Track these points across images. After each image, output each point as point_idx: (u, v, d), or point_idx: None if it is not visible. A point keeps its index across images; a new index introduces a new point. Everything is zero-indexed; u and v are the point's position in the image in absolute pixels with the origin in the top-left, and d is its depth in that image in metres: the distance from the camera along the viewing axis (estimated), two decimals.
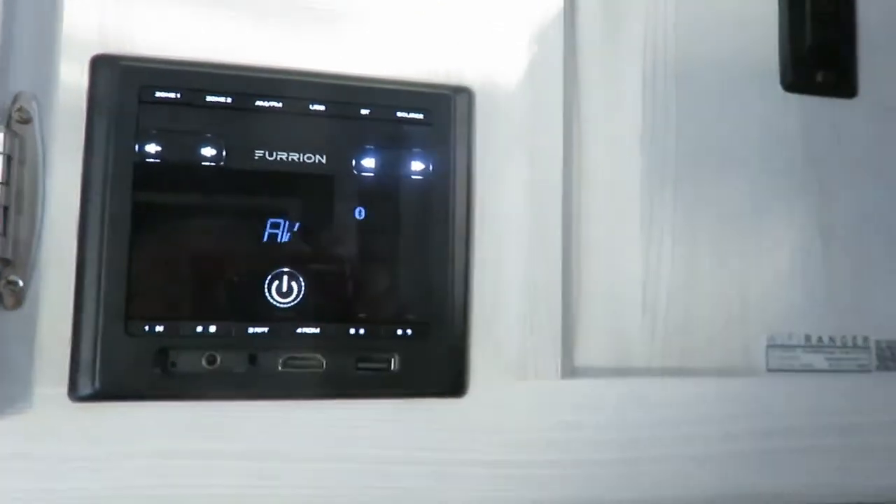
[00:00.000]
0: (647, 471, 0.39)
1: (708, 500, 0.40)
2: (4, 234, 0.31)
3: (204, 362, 0.32)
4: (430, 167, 0.36)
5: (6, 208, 0.31)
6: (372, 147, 0.35)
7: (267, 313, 0.33)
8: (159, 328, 0.32)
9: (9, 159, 0.31)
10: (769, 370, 0.43)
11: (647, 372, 0.40)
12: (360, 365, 0.34)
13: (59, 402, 0.32)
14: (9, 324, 0.31)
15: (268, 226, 0.34)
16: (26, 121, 0.32)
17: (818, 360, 0.44)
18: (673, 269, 0.41)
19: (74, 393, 0.31)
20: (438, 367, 0.35)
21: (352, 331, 0.34)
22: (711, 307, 0.42)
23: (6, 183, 0.31)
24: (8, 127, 0.32)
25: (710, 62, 0.43)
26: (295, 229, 0.34)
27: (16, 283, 0.31)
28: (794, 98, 0.44)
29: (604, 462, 0.38)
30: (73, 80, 0.33)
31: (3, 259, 0.31)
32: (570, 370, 0.38)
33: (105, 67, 0.33)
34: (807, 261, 0.44)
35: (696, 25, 0.43)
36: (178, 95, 0.33)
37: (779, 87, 0.44)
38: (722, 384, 0.41)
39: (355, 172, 0.35)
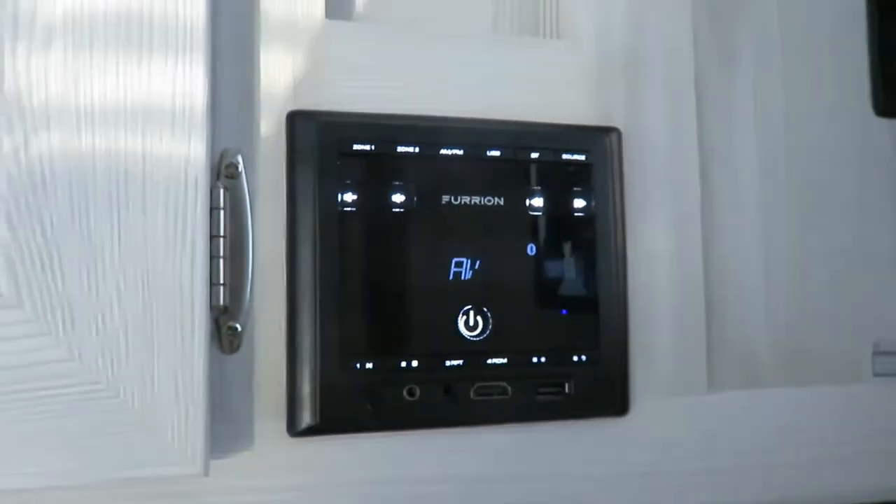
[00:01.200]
0: (779, 474, 0.42)
1: (833, 498, 0.43)
2: (223, 283, 0.33)
3: (406, 395, 0.35)
4: (593, 204, 0.38)
5: (223, 258, 0.33)
6: (540, 187, 0.38)
7: (459, 346, 0.36)
8: (369, 365, 0.34)
9: (222, 212, 0.33)
10: (876, 375, 0.46)
11: (772, 383, 0.44)
12: (541, 390, 0.37)
13: (279, 437, 0.34)
14: (229, 367, 0.34)
15: (452, 265, 0.36)
16: (234, 176, 0.34)
17: None
18: (790, 291, 0.45)
19: (293, 429, 0.34)
20: (606, 390, 0.38)
21: (534, 359, 0.37)
22: (825, 323, 0.45)
23: (224, 235, 0.33)
24: (218, 181, 0.34)
25: (811, 89, 0.47)
26: (476, 266, 0.36)
27: (235, 329, 0.34)
28: (886, 123, 0.48)
29: (744, 467, 0.41)
30: (271, 134, 0.35)
31: (221, 307, 0.33)
32: (714, 384, 0.41)
33: (303, 122, 0.35)
34: None
35: (798, 52, 0.46)
36: (373, 147, 0.35)
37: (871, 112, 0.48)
38: (835, 391, 0.44)
39: (528, 212, 0.37)
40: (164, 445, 0.30)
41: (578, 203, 0.38)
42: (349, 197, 0.35)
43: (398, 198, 0.36)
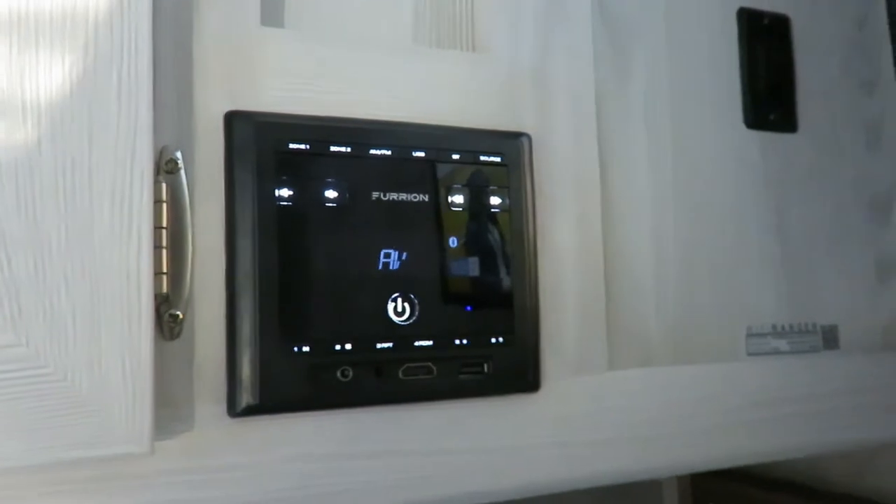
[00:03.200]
0: (672, 443, 0.48)
1: (712, 461, 0.49)
2: (165, 272, 0.35)
3: (339, 376, 0.38)
4: (507, 202, 0.42)
5: (165, 248, 0.35)
6: (461, 186, 0.41)
7: (389, 331, 0.39)
8: (305, 348, 0.37)
9: (164, 205, 0.35)
10: (749, 354, 0.53)
11: (662, 363, 0.49)
12: (463, 370, 0.41)
13: (219, 418, 0.36)
14: (169, 353, 0.35)
15: (381, 256, 0.39)
16: (174, 171, 0.36)
17: (782, 344, 0.54)
18: (677, 281, 0.51)
19: (233, 409, 0.36)
20: (520, 370, 0.42)
21: (456, 342, 0.40)
22: (706, 310, 0.51)
23: (165, 227, 0.35)
24: (159, 175, 0.36)
25: (693, 103, 0.53)
26: (404, 258, 0.40)
27: (175, 316, 0.35)
28: (755, 133, 0.55)
29: (644, 438, 0.46)
30: (209, 133, 0.37)
31: (163, 294, 0.35)
32: (612, 365, 0.46)
33: (241, 122, 0.37)
34: (770, 264, 0.54)
35: (682, 71, 0.52)
36: (307, 146, 0.38)
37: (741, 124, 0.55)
38: (714, 369, 0.51)
39: (450, 208, 0.41)
40: (111, 426, 0.31)
41: (495, 200, 0.42)
42: (285, 192, 0.37)
43: (331, 193, 0.38)
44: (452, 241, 0.41)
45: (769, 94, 0.56)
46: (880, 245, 0.59)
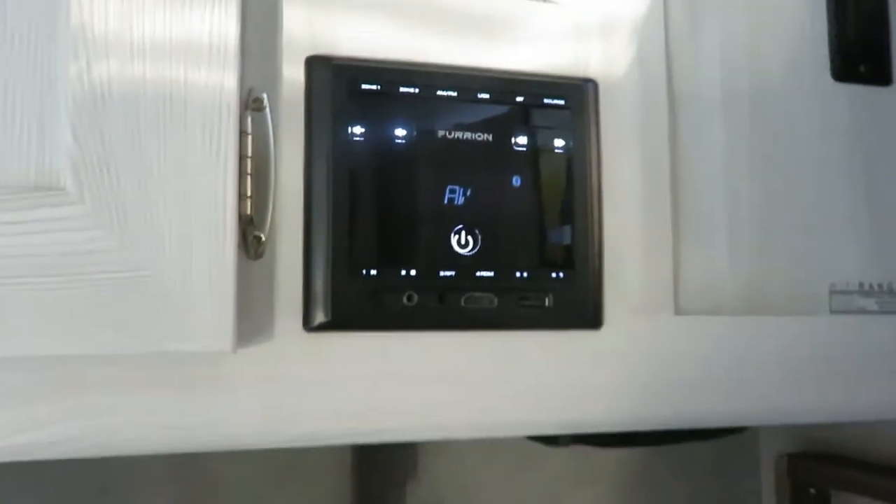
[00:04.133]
0: (739, 392, 0.47)
1: (778, 412, 0.48)
2: (249, 195, 0.39)
3: (404, 300, 0.41)
4: (571, 144, 0.44)
5: (250, 175, 0.39)
6: (524, 126, 0.43)
7: (452, 260, 0.41)
8: (374, 272, 0.40)
9: (250, 137, 0.39)
10: (832, 312, 0.51)
11: (734, 311, 0.49)
12: (523, 302, 0.42)
13: (295, 332, 0.40)
14: (253, 271, 0.39)
15: (447, 191, 0.42)
16: (260, 109, 0.40)
17: (870, 303, 0.52)
18: (752, 233, 0.50)
19: (308, 324, 0.39)
20: (581, 305, 0.44)
21: (517, 274, 0.42)
22: (785, 260, 0.50)
23: (250, 156, 0.39)
24: (246, 111, 0.40)
25: (773, 52, 0.52)
26: (468, 194, 0.42)
27: (259, 238, 0.39)
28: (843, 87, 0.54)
29: (703, 382, 0.46)
30: (292, 76, 0.41)
31: (247, 216, 0.39)
32: (681, 309, 0.47)
33: (319, 66, 0.41)
34: (855, 221, 0.53)
35: (762, 17, 0.52)
36: (379, 87, 0.41)
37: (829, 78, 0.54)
38: (793, 322, 0.49)
39: (514, 148, 0.43)
40: (198, 326, 0.36)
41: (558, 142, 0.44)
42: (358, 129, 0.41)
43: (400, 131, 0.41)
44: (515, 180, 0.43)
45: (860, 45, 0.54)
46: None
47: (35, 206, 0.35)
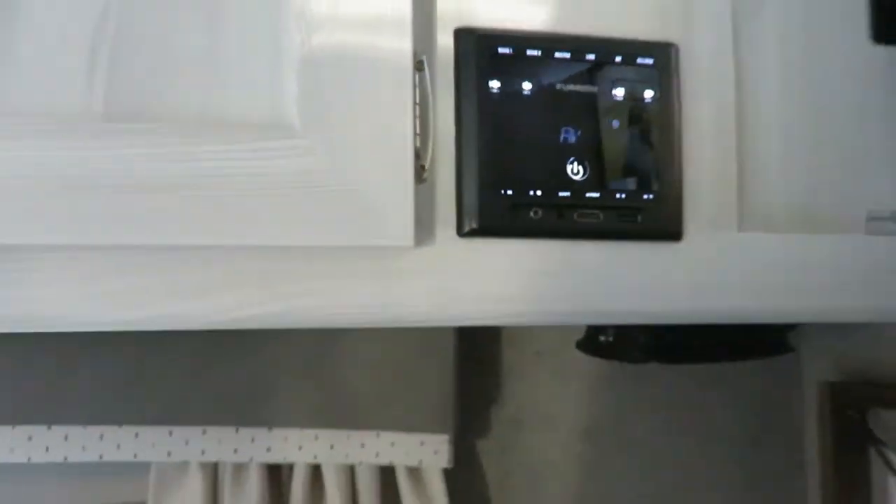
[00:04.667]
0: (789, 294, 0.59)
1: (823, 312, 0.60)
2: (416, 132, 0.52)
3: (532, 214, 0.53)
4: (658, 94, 0.56)
5: (418, 119, 0.52)
6: (622, 81, 0.55)
7: (568, 184, 0.54)
8: (510, 192, 0.53)
9: (415, 89, 0.52)
10: (867, 234, 0.63)
11: (787, 230, 0.60)
12: (622, 218, 0.55)
13: (451, 238, 0.52)
14: (420, 192, 0.52)
15: (562, 131, 0.54)
16: (421, 69, 0.53)
17: None
18: (801, 165, 0.61)
19: (461, 231, 0.52)
20: (666, 222, 0.56)
21: (618, 195, 0.54)
22: (830, 189, 0.62)
23: (417, 103, 0.52)
24: (413, 71, 0.52)
25: (824, 16, 0.63)
26: (578, 133, 0.54)
27: (423, 167, 0.52)
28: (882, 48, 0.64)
29: (765, 286, 0.58)
30: (444, 43, 0.54)
31: (416, 149, 0.52)
32: (743, 227, 0.58)
33: (464, 35, 0.53)
34: (891, 161, 0.63)
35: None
36: (511, 51, 0.53)
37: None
38: (836, 238, 0.61)
39: (613, 98, 0.55)
40: (390, 226, 0.49)
41: (648, 94, 0.56)
42: (495, 84, 0.53)
43: (527, 85, 0.54)
44: (615, 123, 0.55)
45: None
46: None
47: (271, 138, 0.48)
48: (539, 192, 0.53)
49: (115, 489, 0.83)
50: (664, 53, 0.56)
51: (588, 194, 0.54)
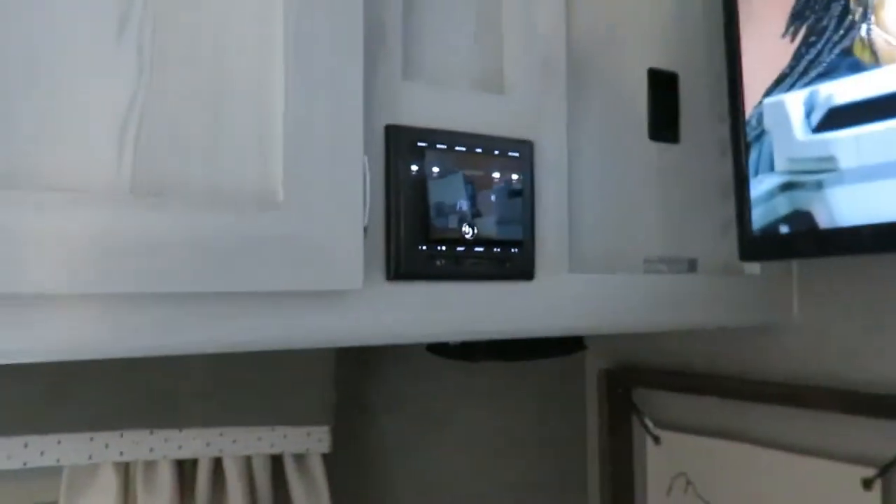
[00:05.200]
0: (596, 311, 0.86)
1: (611, 326, 0.88)
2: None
3: (438, 262, 0.74)
4: (521, 177, 0.79)
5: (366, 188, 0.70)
6: (498, 167, 0.78)
7: (462, 242, 0.75)
8: (424, 247, 0.73)
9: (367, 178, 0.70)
10: (644, 273, 0.92)
11: (599, 270, 0.87)
12: (496, 265, 0.77)
13: (381, 281, 0.71)
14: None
15: (459, 203, 0.75)
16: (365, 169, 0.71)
17: (663, 267, 0.94)
18: (594, 225, 0.89)
19: (388, 276, 0.71)
20: (524, 267, 0.79)
21: (494, 249, 0.77)
22: (617, 243, 0.90)
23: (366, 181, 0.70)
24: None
25: (624, 120, 0.91)
26: (470, 204, 0.76)
27: (365, 229, 0.70)
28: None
29: (587, 308, 0.84)
30: (378, 135, 0.72)
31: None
32: (572, 269, 0.84)
33: (393, 131, 0.72)
34: (658, 218, 0.93)
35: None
36: (425, 144, 0.73)
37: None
38: (619, 277, 0.89)
39: (493, 179, 0.77)
40: (345, 273, 0.67)
41: (515, 176, 0.79)
42: (414, 168, 0.73)
43: (435, 169, 0.74)
44: (493, 197, 0.77)
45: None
46: (726, 212, 0.99)
47: (258, 208, 0.63)
48: (443, 248, 0.74)
49: (25, 490, 0.90)
50: (526, 148, 0.80)
51: (475, 248, 0.76)
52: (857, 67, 0.75)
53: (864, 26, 0.75)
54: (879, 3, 0.74)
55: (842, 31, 0.77)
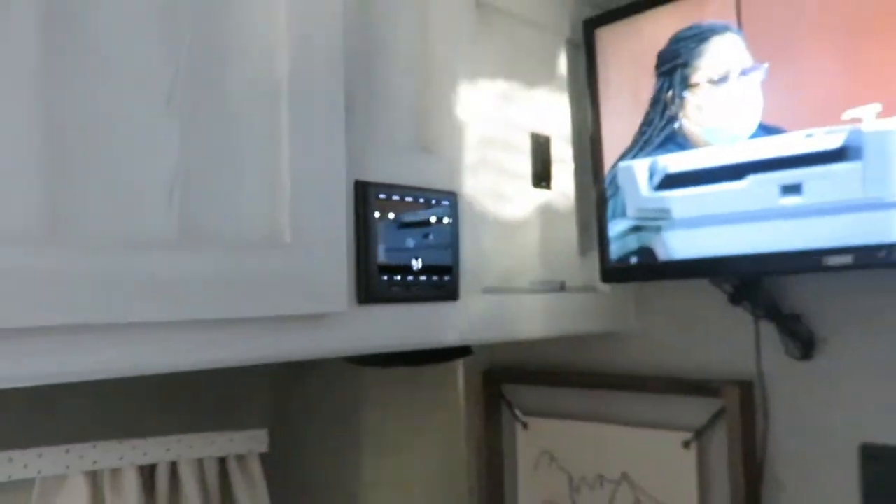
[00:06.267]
0: (501, 327, 1.11)
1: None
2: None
3: (394, 289, 0.94)
4: (451, 220, 1.02)
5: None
6: (436, 212, 1.00)
7: (411, 272, 0.96)
8: (385, 277, 0.93)
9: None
10: (484, 292, 1.18)
11: (501, 292, 1.12)
12: (434, 290, 0.99)
13: (354, 304, 0.90)
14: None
15: (408, 241, 0.96)
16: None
17: (537, 286, 1.20)
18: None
19: (358, 301, 0.91)
20: (452, 291, 1.02)
21: (433, 278, 0.99)
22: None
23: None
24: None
25: None
26: (416, 242, 0.97)
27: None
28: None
29: (492, 320, 1.09)
30: (349, 189, 0.91)
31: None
32: (484, 291, 1.08)
33: (360, 185, 0.92)
34: None
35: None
36: (385, 196, 0.94)
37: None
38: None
39: (430, 222, 0.99)
40: (333, 299, 0.85)
41: (446, 220, 1.01)
42: (377, 214, 0.93)
43: (391, 215, 0.95)
44: (432, 237, 0.99)
45: None
46: (585, 244, 1.28)
47: (270, 248, 0.81)
48: (398, 277, 0.95)
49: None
50: (452, 197, 1.03)
51: (420, 277, 0.97)
52: (681, 146, 1.07)
53: (679, 119, 1.07)
54: (685, 103, 1.06)
55: (665, 122, 1.09)
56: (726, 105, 1.01)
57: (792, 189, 0.97)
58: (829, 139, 0.93)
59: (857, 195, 0.91)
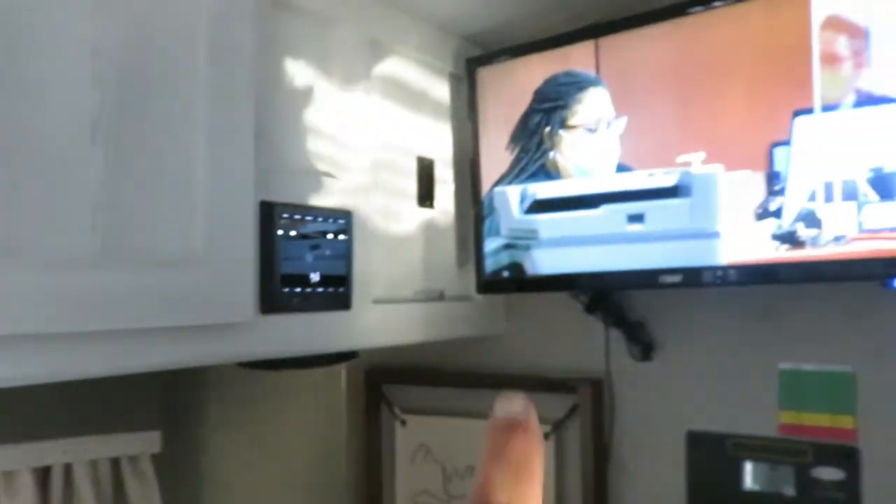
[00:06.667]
0: (393, 333, 1.22)
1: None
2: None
3: (294, 300, 1.04)
4: (346, 236, 1.12)
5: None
6: (332, 230, 1.10)
7: (309, 283, 1.06)
8: (286, 289, 1.02)
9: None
10: (374, 302, 1.31)
11: (394, 301, 1.24)
12: (332, 300, 1.09)
13: (257, 314, 0.99)
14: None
15: (307, 256, 1.06)
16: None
17: (420, 296, 1.33)
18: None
19: (262, 310, 0.99)
20: (345, 300, 1.12)
21: (329, 289, 1.09)
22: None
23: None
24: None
25: None
26: (313, 257, 1.07)
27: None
28: None
29: (384, 327, 1.20)
30: (255, 209, 0.99)
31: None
32: (375, 301, 1.19)
33: (265, 205, 1.01)
34: None
35: None
36: (287, 215, 1.03)
37: None
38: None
39: (327, 238, 1.09)
40: (241, 309, 0.93)
41: (342, 236, 1.12)
42: (280, 232, 1.02)
43: (293, 232, 1.04)
44: (328, 251, 1.09)
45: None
46: (461, 257, 1.42)
47: (187, 264, 0.88)
48: (297, 289, 1.04)
49: None
50: (347, 215, 1.13)
51: (317, 289, 1.07)
52: (549, 176, 1.23)
53: (552, 152, 1.24)
54: (561, 140, 1.23)
55: (539, 154, 1.25)
56: (596, 148, 1.18)
57: (636, 218, 1.15)
58: (666, 178, 1.12)
59: (686, 225, 1.11)
